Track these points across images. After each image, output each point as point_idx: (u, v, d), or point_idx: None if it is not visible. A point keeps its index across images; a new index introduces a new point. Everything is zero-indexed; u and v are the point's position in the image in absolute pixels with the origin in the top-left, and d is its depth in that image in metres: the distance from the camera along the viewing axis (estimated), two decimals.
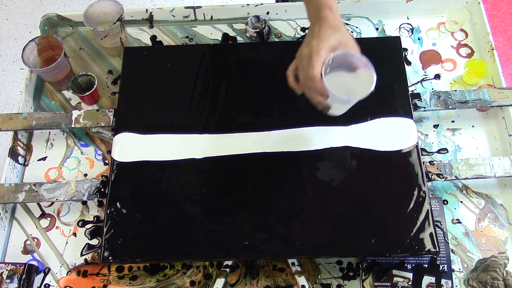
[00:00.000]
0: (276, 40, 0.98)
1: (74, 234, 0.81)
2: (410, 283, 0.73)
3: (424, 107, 0.85)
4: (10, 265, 0.75)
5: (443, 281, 0.73)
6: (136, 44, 0.99)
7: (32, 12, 1.96)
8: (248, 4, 0.99)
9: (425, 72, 0.93)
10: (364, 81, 0.69)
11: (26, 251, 0.80)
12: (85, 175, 0.86)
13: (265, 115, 0.83)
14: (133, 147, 0.81)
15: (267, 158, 0.79)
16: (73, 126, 0.86)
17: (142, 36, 1.01)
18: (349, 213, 0.74)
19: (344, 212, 0.74)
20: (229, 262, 0.76)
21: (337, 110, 0.74)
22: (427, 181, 0.76)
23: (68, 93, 0.94)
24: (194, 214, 0.75)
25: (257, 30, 0.96)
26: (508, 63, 1.72)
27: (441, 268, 0.74)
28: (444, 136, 0.87)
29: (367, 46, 0.90)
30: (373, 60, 0.87)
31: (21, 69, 1.82)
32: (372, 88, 0.68)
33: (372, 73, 0.69)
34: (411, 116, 0.81)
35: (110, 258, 0.72)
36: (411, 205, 0.74)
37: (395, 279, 0.74)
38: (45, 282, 0.77)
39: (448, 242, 0.76)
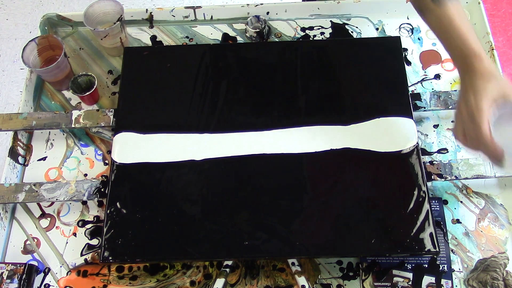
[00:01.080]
0: (276, 40, 0.99)
1: (74, 234, 0.81)
2: (410, 283, 0.73)
3: (424, 107, 0.85)
4: (10, 265, 0.75)
5: (443, 281, 0.73)
6: (136, 44, 0.99)
7: (32, 12, 1.96)
8: (248, 4, 0.99)
9: (425, 72, 0.93)
10: None
11: (26, 251, 0.80)
12: (85, 175, 0.86)
13: (265, 115, 0.83)
14: (133, 147, 0.81)
15: (267, 159, 0.79)
16: (73, 126, 0.86)
17: (142, 36, 1.01)
18: (349, 213, 0.74)
19: (344, 212, 0.74)
20: (229, 262, 0.76)
21: None
22: (427, 181, 0.76)
23: (68, 93, 0.94)
24: (194, 214, 0.75)
25: (257, 30, 0.96)
26: (508, 63, 1.72)
27: (441, 268, 0.74)
28: (444, 136, 0.87)
29: (367, 46, 0.91)
30: (373, 60, 0.88)
31: (21, 69, 1.82)
32: None
33: None
34: (411, 116, 0.81)
35: (110, 258, 0.72)
36: (411, 205, 0.74)
37: (395, 279, 0.74)
38: (45, 282, 0.77)
39: (448, 242, 0.76)
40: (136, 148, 0.81)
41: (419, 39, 0.97)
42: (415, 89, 0.91)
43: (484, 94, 0.63)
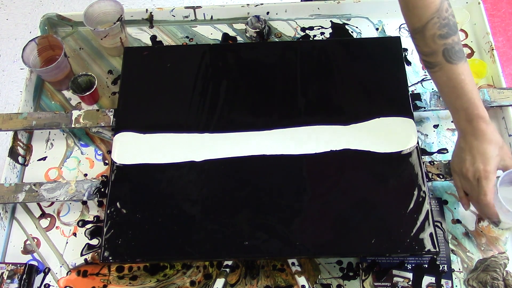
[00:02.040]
0: (276, 40, 0.99)
1: (74, 234, 0.81)
2: (410, 283, 0.73)
3: (424, 107, 0.85)
4: (10, 265, 0.75)
5: (443, 281, 0.73)
6: (136, 44, 0.99)
7: (32, 12, 1.96)
8: (248, 4, 0.99)
9: (425, 72, 0.93)
10: None
11: (26, 251, 0.80)
12: (85, 175, 0.86)
13: (265, 115, 0.83)
14: (133, 147, 0.81)
15: (267, 159, 0.79)
16: (73, 126, 0.86)
17: (142, 36, 1.01)
18: (349, 213, 0.74)
19: (344, 212, 0.74)
20: (229, 262, 0.76)
21: (502, 223, 0.75)
22: (427, 181, 0.76)
23: (68, 93, 0.94)
24: (194, 214, 0.75)
25: (257, 30, 0.96)
26: (508, 63, 1.72)
27: (441, 268, 0.74)
28: (444, 136, 0.87)
29: (367, 46, 0.91)
30: (373, 60, 0.88)
31: (21, 69, 1.82)
32: None
33: None
34: (411, 116, 0.81)
35: (110, 258, 0.72)
36: (411, 205, 0.74)
37: (395, 279, 0.74)
38: (45, 282, 0.77)
39: (448, 242, 0.76)
40: (136, 148, 0.81)
41: None
42: (415, 89, 0.91)
43: (493, 163, 0.68)
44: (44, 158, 0.88)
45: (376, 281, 0.74)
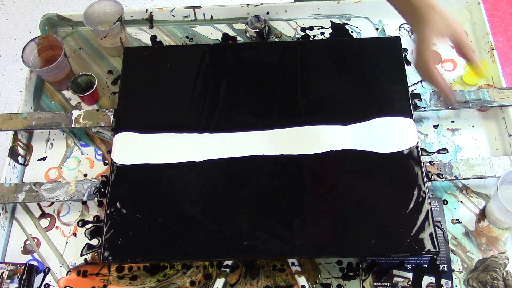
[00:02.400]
0: (276, 40, 0.99)
1: (74, 234, 0.81)
2: (410, 283, 0.73)
3: (424, 107, 0.85)
4: (10, 265, 0.75)
5: (443, 281, 0.73)
6: (136, 44, 0.99)
7: (32, 12, 1.96)
8: (248, 4, 0.99)
9: None
10: None
11: (26, 251, 0.80)
12: (85, 175, 0.86)
13: (265, 115, 0.83)
14: (133, 147, 0.81)
15: (267, 159, 0.79)
16: (73, 126, 0.86)
17: (142, 36, 1.01)
18: (349, 213, 0.74)
19: (344, 212, 0.74)
20: (229, 262, 0.76)
21: (501, 223, 0.75)
22: (427, 181, 0.76)
23: (68, 93, 0.94)
24: (194, 214, 0.75)
25: (257, 30, 0.96)
26: (508, 63, 1.72)
27: (441, 268, 0.74)
28: (444, 136, 0.87)
29: (367, 46, 0.91)
30: (373, 60, 0.88)
31: (21, 69, 1.82)
32: None
33: None
34: (411, 116, 0.81)
35: (110, 258, 0.72)
36: (411, 205, 0.74)
37: (395, 279, 0.74)
38: (45, 282, 0.77)
39: (448, 242, 0.76)
40: (136, 148, 0.81)
41: None
42: (415, 89, 0.91)
43: (426, 29, 0.70)
44: (44, 158, 0.88)
45: (376, 281, 0.74)
